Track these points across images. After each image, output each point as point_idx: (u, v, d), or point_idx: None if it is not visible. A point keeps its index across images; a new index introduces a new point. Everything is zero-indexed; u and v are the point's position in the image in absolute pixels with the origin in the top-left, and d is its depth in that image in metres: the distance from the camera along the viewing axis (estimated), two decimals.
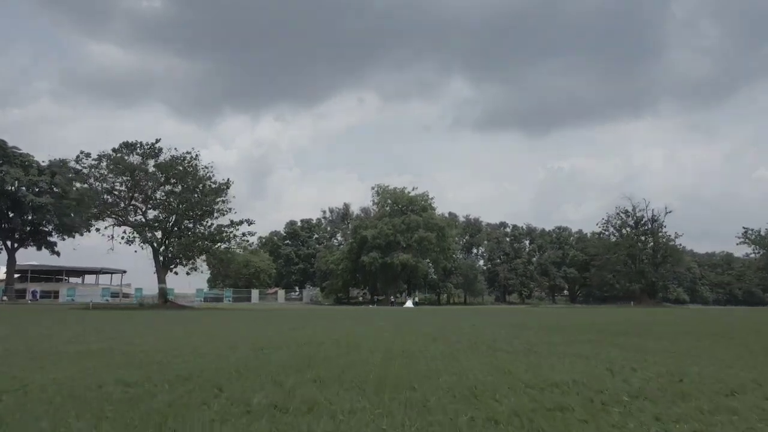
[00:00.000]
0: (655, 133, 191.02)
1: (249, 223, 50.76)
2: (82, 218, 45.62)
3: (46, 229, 71.05)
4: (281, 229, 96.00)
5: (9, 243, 66.47)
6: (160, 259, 48.38)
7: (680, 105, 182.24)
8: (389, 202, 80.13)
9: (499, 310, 46.20)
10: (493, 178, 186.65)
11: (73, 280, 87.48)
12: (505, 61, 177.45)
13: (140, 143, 45.74)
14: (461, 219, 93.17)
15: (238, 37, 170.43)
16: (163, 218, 48.46)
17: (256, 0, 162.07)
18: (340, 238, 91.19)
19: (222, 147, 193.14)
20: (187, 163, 47.45)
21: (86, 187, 46.09)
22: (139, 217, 48.24)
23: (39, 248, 73.87)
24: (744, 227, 67.12)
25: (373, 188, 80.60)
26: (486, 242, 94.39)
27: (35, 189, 62.35)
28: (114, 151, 45.34)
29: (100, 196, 45.67)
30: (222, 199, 49.73)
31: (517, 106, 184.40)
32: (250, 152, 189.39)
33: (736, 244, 67.98)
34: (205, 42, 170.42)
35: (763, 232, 68.22)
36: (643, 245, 64.70)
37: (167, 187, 48.29)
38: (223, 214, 49.68)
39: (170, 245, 48.16)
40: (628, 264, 64.31)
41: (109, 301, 68.81)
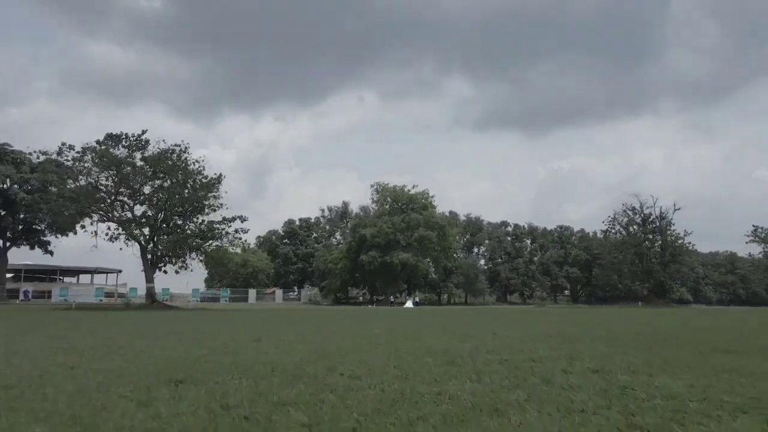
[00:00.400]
0: (655, 133, 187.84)
1: (242, 219, 47.23)
2: (67, 215, 41.85)
3: (39, 228, 67.60)
4: (280, 228, 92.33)
5: (1, 242, 63.25)
6: (148, 258, 44.74)
7: (680, 104, 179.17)
8: (389, 200, 76.65)
9: (504, 311, 42.49)
10: (493, 178, 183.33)
11: (68, 279, 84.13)
12: (505, 61, 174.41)
13: (126, 135, 42.14)
14: (462, 218, 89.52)
15: (237, 36, 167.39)
16: (152, 214, 44.83)
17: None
18: (338, 237, 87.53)
19: (221, 147, 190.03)
20: (176, 157, 43.81)
21: (82, 185, 42.50)
22: (127, 213, 44.65)
23: (32, 247, 70.42)
24: (754, 225, 63.43)
25: (373, 186, 77.21)
26: (487, 241, 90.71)
27: (27, 187, 59.04)
28: (98, 143, 41.72)
29: (94, 194, 42.06)
30: (213, 194, 46.17)
31: (517, 106, 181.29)
32: (250, 152, 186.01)
33: (746, 243, 64.39)
34: (205, 41, 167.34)
35: None
36: (650, 244, 60.96)
37: (156, 182, 44.68)
38: (214, 210, 46.15)
39: (158, 242, 44.49)
40: (635, 263, 60.58)
41: (102, 301, 65.41)
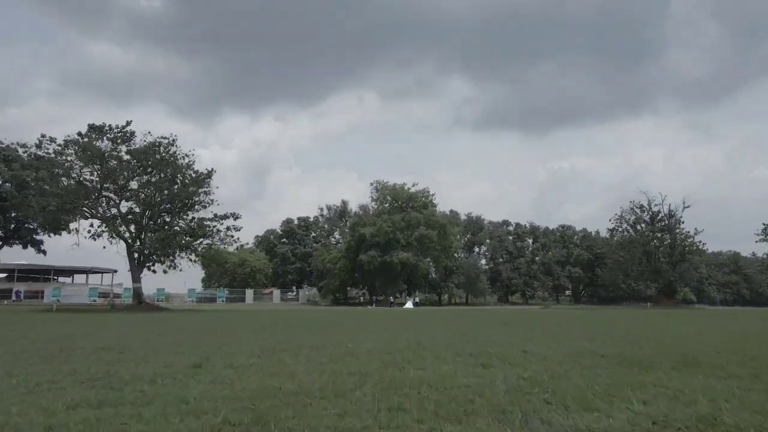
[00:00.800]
0: (655, 133, 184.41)
1: (235, 217, 44.12)
2: (49, 210, 38.71)
3: (32, 226, 64.53)
4: (278, 227, 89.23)
5: None
6: (135, 257, 41.71)
7: (680, 104, 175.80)
8: (388, 198, 73.42)
9: (511, 312, 39.42)
10: (493, 178, 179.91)
11: (63, 279, 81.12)
12: (505, 61, 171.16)
13: (109, 126, 39.08)
14: (462, 217, 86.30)
15: (237, 36, 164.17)
16: (139, 210, 41.81)
17: None
18: (337, 237, 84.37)
19: (221, 147, 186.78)
20: (164, 150, 40.77)
21: (64, 179, 39.52)
22: (112, 210, 41.64)
23: (25, 246, 67.26)
24: (764, 223, 60.16)
25: (372, 184, 73.90)
26: (488, 241, 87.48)
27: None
28: (80, 135, 38.65)
29: (77, 189, 38.99)
30: (204, 190, 43.09)
31: (517, 106, 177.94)
32: (250, 152, 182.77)
33: (756, 242, 61.18)
34: (205, 41, 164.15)
35: None
36: (659, 242, 57.82)
37: (144, 178, 41.65)
38: (205, 207, 43.07)
39: (145, 240, 41.44)
40: (642, 262, 57.41)
41: (96, 301, 62.39)
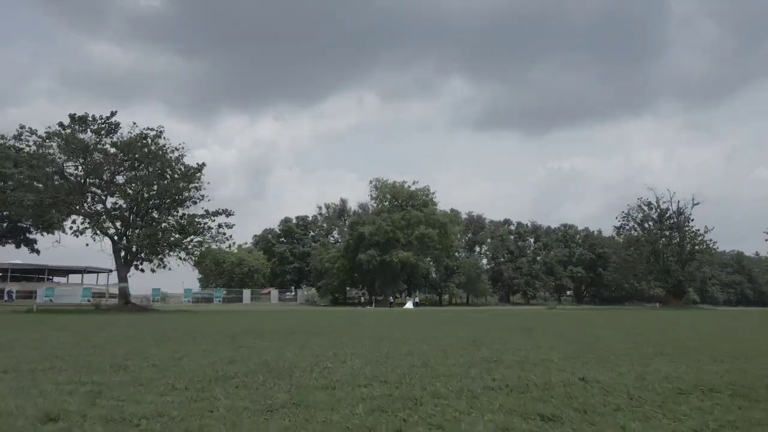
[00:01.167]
0: (655, 133, 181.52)
1: (227, 214, 41.31)
2: (26, 205, 35.89)
3: (24, 225, 61.65)
4: (276, 226, 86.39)
5: None
6: (121, 255, 38.97)
7: (680, 104, 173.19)
8: (388, 196, 70.71)
9: (517, 314, 36.63)
10: (493, 178, 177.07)
11: (58, 279, 78.42)
12: (505, 61, 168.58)
13: (93, 117, 36.32)
14: (463, 216, 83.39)
15: (236, 36, 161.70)
16: (126, 206, 39.06)
17: None
18: (336, 236, 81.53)
19: (221, 147, 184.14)
20: (151, 142, 38.04)
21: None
22: (97, 206, 38.88)
23: (18, 246, 64.39)
24: None
25: (371, 182, 71.15)
26: (489, 240, 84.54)
27: (9, 183, 53.34)
28: (62, 126, 35.88)
29: (59, 184, 36.25)
30: (195, 185, 40.35)
31: (517, 106, 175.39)
32: (250, 152, 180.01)
33: (765, 240, 58.29)
34: (204, 41, 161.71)
35: None
36: (667, 241, 54.85)
37: (131, 173, 38.90)
38: (195, 203, 40.33)
39: (131, 238, 38.66)
40: (650, 261, 54.45)
41: (90, 301, 59.63)
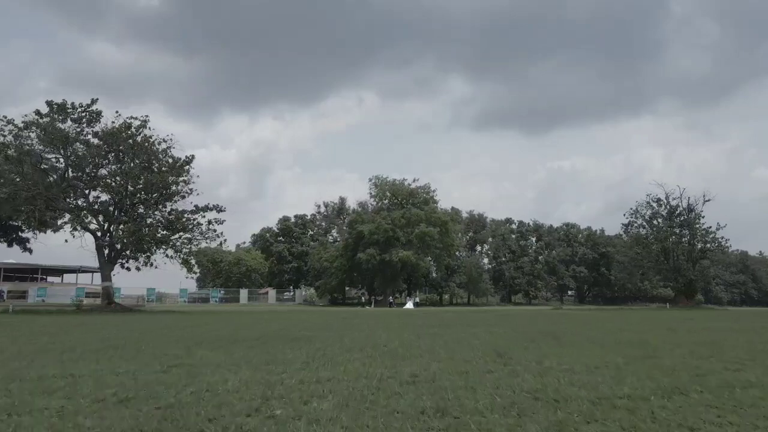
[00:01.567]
0: (655, 132, 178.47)
1: (218, 209, 38.35)
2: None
3: (16, 224, 58.62)
4: (274, 225, 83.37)
5: None
6: (105, 252, 36.06)
7: (680, 104, 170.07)
8: (388, 194, 67.67)
9: (521, 313, 33.73)
10: (493, 178, 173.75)
11: (52, 279, 75.55)
12: (505, 60, 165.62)
13: (72, 104, 33.36)
14: (464, 215, 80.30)
15: (235, 35, 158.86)
16: (109, 200, 36.16)
17: None
18: (335, 235, 78.49)
19: (221, 147, 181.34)
20: (136, 132, 35.13)
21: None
22: (79, 200, 35.96)
23: (10, 245, 61.38)
24: None
25: (371, 180, 68.08)
26: (491, 239, 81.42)
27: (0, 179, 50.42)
28: (39, 114, 32.91)
29: (37, 176, 33.29)
30: (183, 178, 37.43)
31: (517, 105, 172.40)
32: (249, 152, 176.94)
33: None
34: (203, 41, 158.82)
35: None
36: (677, 238, 51.84)
37: (115, 165, 35.98)
38: (184, 197, 37.38)
39: (115, 234, 35.73)
40: (660, 260, 51.38)
41: (83, 300, 56.76)
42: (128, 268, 38.69)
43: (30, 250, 62.13)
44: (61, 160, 34.89)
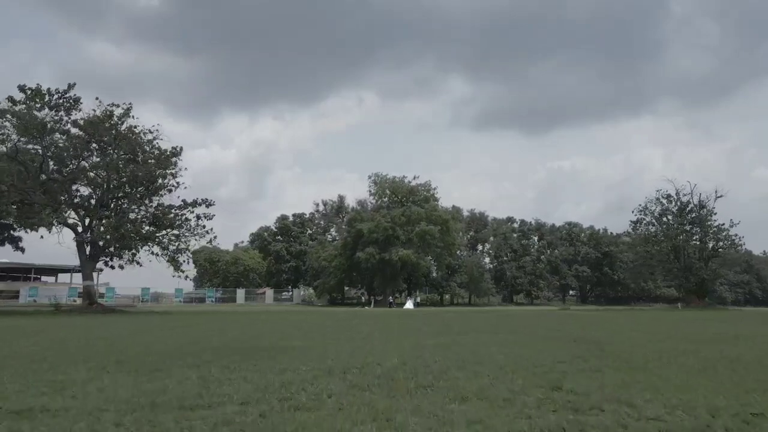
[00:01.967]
0: (655, 132, 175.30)
1: (207, 204, 35.50)
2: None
3: (7, 222, 55.64)
4: (272, 224, 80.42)
5: None
6: (87, 249, 33.23)
7: (680, 104, 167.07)
8: (387, 192, 64.87)
9: (528, 314, 30.85)
10: (493, 178, 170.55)
11: (45, 278, 72.69)
12: (505, 60, 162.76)
13: (48, 90, 30.50)
14: (465, 213, 77.34)
15: (235, 35, 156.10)
16: (92, 194, 33.33)
17: None
18: (334, 233, 75.57)
19: (221, 147, 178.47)
20: (118, 121, 32.30)
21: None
22: (61, 195, 33.06)
23: (2, 243, 58.48)
24: None
25: (370, 177, 65.25)
26: (492, 238, 78.44)
27: None
28: (11, 101, 30.00)
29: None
30: (170, 171, 34.59)
31: (517, 105, 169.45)
32: (249, 152, 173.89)
33: None
34: (203, 41, 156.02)
35: None
36: (688, 236, 48.89)
37: (96, 158, 33.13)
38: (170, 191, 34.55)
39: (98, 229, 32.86)
40: (670, 259, 48.38)
41: (75, 300, 53.90)
42: (112, 267, 35.94)
43: (22, 249, 59.14)
44: (39, 151, 32.07)
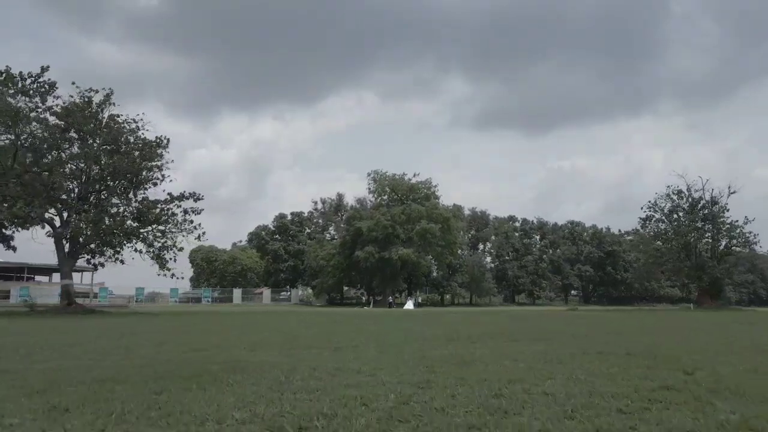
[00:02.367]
0: (655, 132, 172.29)
1: (196, 198, 32.72)
2: None
3: None
4: (270, 223, 77.69)
5: None
6: (65, 246, 30.52)
7: (680, 104, 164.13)
8: (387, 190, 62.23)
9: (534, 315, 28.24)
10: (493, 178, 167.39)
11: (39, 278, 69.87)
12: (505, 60, 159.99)
13: (21, 74, 27.79)
14: (466, 212, 74.58)
15: (235, 35, 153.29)
16: (70, 187, 30.61)
17: None
18: (333, 232, 72.85)
19: (221, 147, 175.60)
20: (98, 108, 29.61)
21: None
22: (37, 184, 30.32)
23: None
24: None
25: (369, 174, 62.58)
26: (493, 237, 75.67)
27: None
28: None
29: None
30: (156, 163, 31.87)
31: (517, 105, 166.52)
32: (249, 152, 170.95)
33: None
34: (203, 40, 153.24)
35: None
36: (699, 234, 46.17)
37: (76, 149, 30.41)
38: (155, 184, 31.82)
39: (78, 225, 30.12)
40: (681, 257, 45.55)
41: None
42: (94, 265, 33.20)
43: (14, 248, 56.30)
44: (9, 140, 29.30)
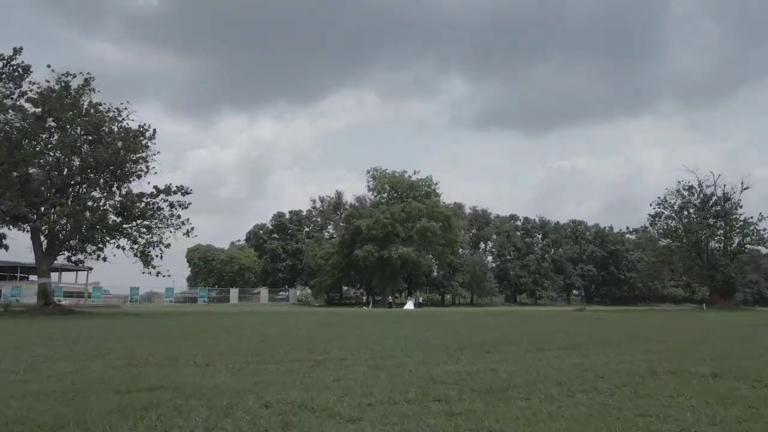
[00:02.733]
0: (655, 132, 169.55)
1: (184, 192, 30.28)
2: None
3: None
4: (268, 222, 75.23)
5: None
6: (43, 242, 28.16)
7: (680, 104, 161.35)
8: (387, 187, 59.79)
9: (540, 315, 25.98)
10: (493, 178, 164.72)
11: (33, 278, 67.51)
12: (505, 60, 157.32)
13: None
14: (467, 210, 72.09)
15: (236, 35, 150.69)
16: (45, 178, 28.22)
17: None
18: (331, 231, 70.39)
19: (221, 147, 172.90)
20: (77, 95, 27.24)
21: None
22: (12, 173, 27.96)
23: None
24: None
25: (369, 171, 60.15)
26: (495, 236, 73.17)
27: None
28: None
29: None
30: (141, 155, 29.45)
31: (517, 105, 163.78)
32: (249, 152, 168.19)
33: None
34: (203, 40, 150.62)
35: None
36: (711, 232, 43.75)
37: (54, 137, 28.02)
38: (140, 176, 29.41)
39: (58, 221, 27.73)
40: (692, 256, 43.00)
41: (60, 300, 48.67)
42: (75, 263, 30.82)
43: (6, 247, 53.89)
44: None
